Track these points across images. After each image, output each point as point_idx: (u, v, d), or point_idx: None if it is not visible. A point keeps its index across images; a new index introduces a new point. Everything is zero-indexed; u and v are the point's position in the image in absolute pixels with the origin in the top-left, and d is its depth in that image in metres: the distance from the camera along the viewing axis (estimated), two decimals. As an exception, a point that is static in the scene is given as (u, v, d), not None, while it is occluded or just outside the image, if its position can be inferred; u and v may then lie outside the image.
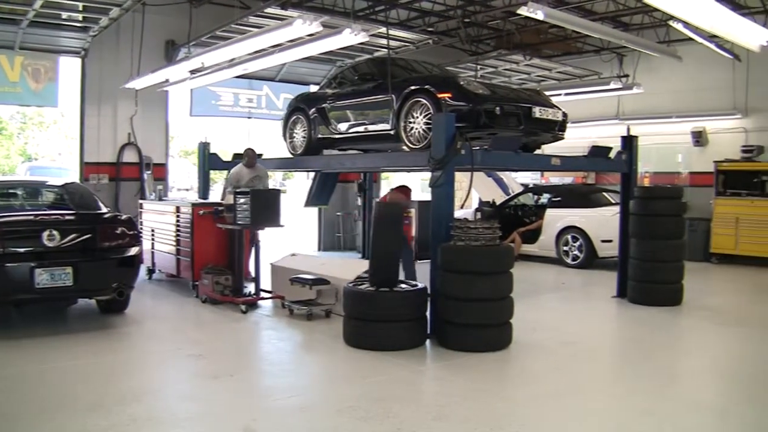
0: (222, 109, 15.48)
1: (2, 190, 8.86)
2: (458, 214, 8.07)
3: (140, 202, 12.04)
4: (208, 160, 11.68)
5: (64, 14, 11.54)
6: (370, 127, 9.32)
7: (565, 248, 13.40)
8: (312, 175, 13.24)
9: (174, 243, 10.17)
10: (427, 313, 7.11)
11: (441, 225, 7.19)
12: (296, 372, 6.56)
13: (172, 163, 17.15)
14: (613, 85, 14.68)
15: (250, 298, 9.02)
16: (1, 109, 29.34)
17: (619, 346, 7.96)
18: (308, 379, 6.33)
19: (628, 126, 11.71)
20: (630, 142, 9.82)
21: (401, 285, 7.23)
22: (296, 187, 34.20)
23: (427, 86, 8.32)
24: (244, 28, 11.72)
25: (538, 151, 9.83)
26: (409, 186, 10.33)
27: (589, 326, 8.56)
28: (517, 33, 14.74)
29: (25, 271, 6.97)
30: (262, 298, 9.16)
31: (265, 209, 8.83)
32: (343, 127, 9.80)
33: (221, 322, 8.34)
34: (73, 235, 7.34)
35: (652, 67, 15.49)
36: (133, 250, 7.85)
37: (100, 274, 7.53)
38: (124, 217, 8.20)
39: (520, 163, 9.24)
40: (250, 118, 15.93)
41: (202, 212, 9.67)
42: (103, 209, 8.24)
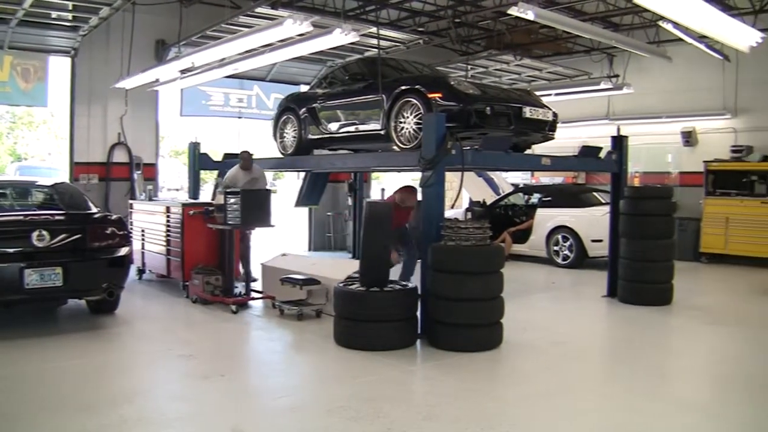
0: (212, 109, 15.46)
1: (-8, 190, 8.81)
2: (449, 214, 8.07)
3: (130, 202, 12.00)
4: (199, 160, 11.69)
5: (54, 13, 11.50)
6: (361, 127, 9.32)
7: (556, 248, 13.43)
8: (302, 175, 13.23)
9: (164, 243, 10.14)
10: (418, 313, 7.12)
11: (431, 225, 7.19)
12: (286, 372, 6.56)
13: (163, 163, 17.09)
14: (603, 86, 14.72)
15: (241, 298, 9.00)
16: (-9, 109, 29.25)
17: (610, 346, 7.99)
18: (298, 379, 6.32)
19: (618, 126, 11.76)
20: (620, 142, 9.85)
21: (391, 285, 7.22)
22: (287, 187, 34.12)
23: (417, 86, 8.32)
24: (235, 28, 11.70)
25: (528, 151, 9.86)
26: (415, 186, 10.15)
27: (579, 326, 8.58)
28: (507, 33, 14.75)
29: (15, 272, 6.93)
30: (253, 299, 9.15)
31: (256, 209, 8.82)
32: (334, 127, 9.80)
33: (212, 323, 8.32)
34: (63, 236, 7.31)
35: (642, 68, 15.55)
36: (123, 251, 7.82)
37: (90, 275, 7.50)
38: (114, 217, 8.17)
39: (510, 163, 9.27)
40: (240, 118, 15.92)
41: (192, 212, 9.65)
42: (93, 209, 8.20)
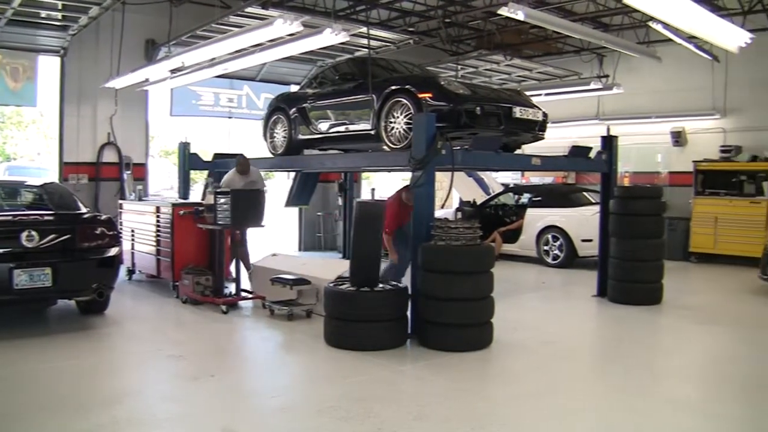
0: (202, 108, 15.41)
1: (-20, 191, 8.77)
2: (439, 213, 8.07)
3: (120, 202, 11.96)
4: (189, 160, 11.66)
5: (43, 13, 11.43)
6: (351, 127, 9.32)
7: (546, 248, 13.46)
8: (293, 175, 13.22)
9: (154, 243, 10.11)
10: (408, 313, 7.12)
11: (421, 225, 7.20)
12: (277, 372, 6.56)
13: (152, 163, 17.04)
14: (593, 86, 14.77)
15: (231, 298, 8.98)
16: (-21, 109, 29.05)
17: (600, 345, 8.02)
18: (289, 379, 6.32)
19: (608, 126, 11.77)
20: (610, 142, 9.88)
21: (382, 285, 7.22)
22: (277, 187, 34.04)
23: (407, 86, 8.33)
24: (225, 28, 11.67)
25: (518, 151, 9.88)
26: None
27: (569, 325, 8.61)
28: (497, 33, 14.78)
29: (4, 272, 6.89)
30: (243, 299, 9.13)
31: (246, 209, 8.80)
32: (324, 126, 9.80)
33: (202, 323, 8.31)
34: (53, 236, 7.28)
35: (632, 68, 15.60)
36: (113, 251, 7.80)
37: (80, 275, 7.48)
38: (104, 217, 8.13)
39: (500, 162, 9.29)
40: (230, 117, 15.88)
41: (182, 212, 9.62)
42: (83, 209, 8.17)
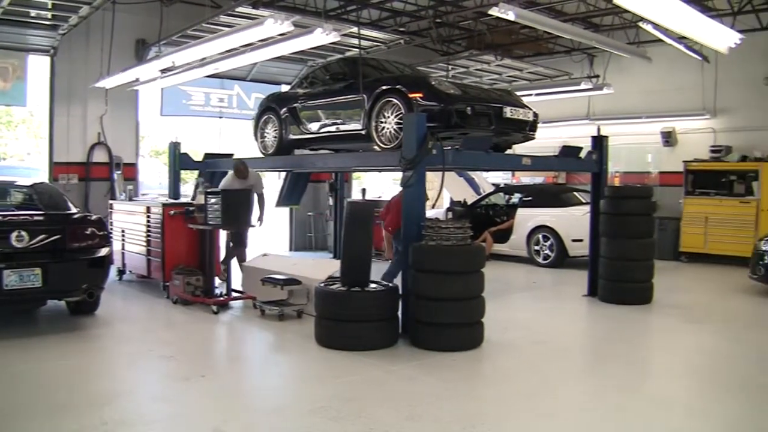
0: (193, 108, 15.38)
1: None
2: (430, 213, 8.08)
3: (110, 202, 11.93)
4: (179, 160, 11.63)
5: (33, 12, 11.37)
6: (342, 127, 9.32)
7: (536, 247, 13.49)
8: (283, 175, 13.21)
9: (144, 243, 10.08)
10: (399, 313, 7.13)
11: (412, 225, 7.20)
12: (268, 372, 6.55)
13: (143, 163, 16.99)
14: (583, 86, 14.80)
15: (222, 298, 8.96)
16: (-31, 109, 28.89)
17: (590, 345, 8.04)
18: (280, 379, 6.31)
19: (599, 126, 11.82)
20: (600, 142, 9.91)
21: (372, 285, 7.23)
22: (268, 187, 33.99)
23: (398, 86, 8.32)
24: (216, 28, 11.64)
25: (509, 151, 9.90)
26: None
27: (560, 325, 8.63)
28: (488, 33, 14.79)
29: (-7, 273, 6.87)
30: (234, 299, 9.11)
31: (236, 209, 8.78)
32: (315, 126, 9.79)
33: (192, 323, 8.29)
34: (42, 236, 7.26)
35: (623, 68, 15.65)
36: (103, 251, 7.78)
37: (70, 275, 7.45)
38: (94, 217, 8.10)
39: (491, 162, 9.30)
40: (221, 117, 15.85)
41: (172, 212, 9.60)
42: (73, 209, 8.14)
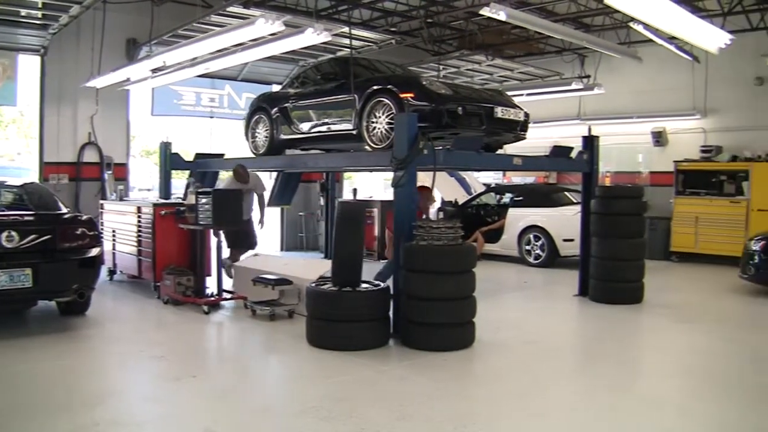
0: (184, 108, 15.34)
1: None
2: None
3: (101, 202, 11.89)
4: (170, 160, 11.62)
5: (23, 11, 11.32)
6: (333, 127, 9.31)
7: (528, 247, 13.51)
8: (274, 175, 13.19)
9: (135, 244, 10.06)
10: (390, 313, 7.13)
11: (403, 224, 7.20)
12: (259, 372, 6.55)
13: (134, 163, 16.95)
14: (574, 86, 14.84)
15: (213, 298, 8.94)
16: (-42, 109, 28.78)
17: (581, 344, 8.06)
18: (271, 379, 6.32)
19: (590, 126, 11.80)
20: (591, 142, 9.92)
21: (364, 285, 7.23)
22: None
23: (389, 86, 8.33)
24: (207, 27, 11.62)
25: (500, 151, 9.91)
26: (428, 185, 9.21)
27: (551, 325, 8.64)
28: (479, 33, 14.79)
29: (-17, 273, 6.84)
30: (225, 299, 9.09)
31: (227, 209, 8.76)
32: (306, 126, 9.78)
33: (183, 323, 8.27)
34: (33, 236, 7.22)
35: (613, 68, 15.68)
36: (94, 251, 7.75)
37: (60, 276, 7.42)
38: (85, 217, 8.07)
39: (482, 162, 9.30)
40: (212, 117, 15.83)
41: (163, 212, 9.58)
42: (63, 210, 8.12)
